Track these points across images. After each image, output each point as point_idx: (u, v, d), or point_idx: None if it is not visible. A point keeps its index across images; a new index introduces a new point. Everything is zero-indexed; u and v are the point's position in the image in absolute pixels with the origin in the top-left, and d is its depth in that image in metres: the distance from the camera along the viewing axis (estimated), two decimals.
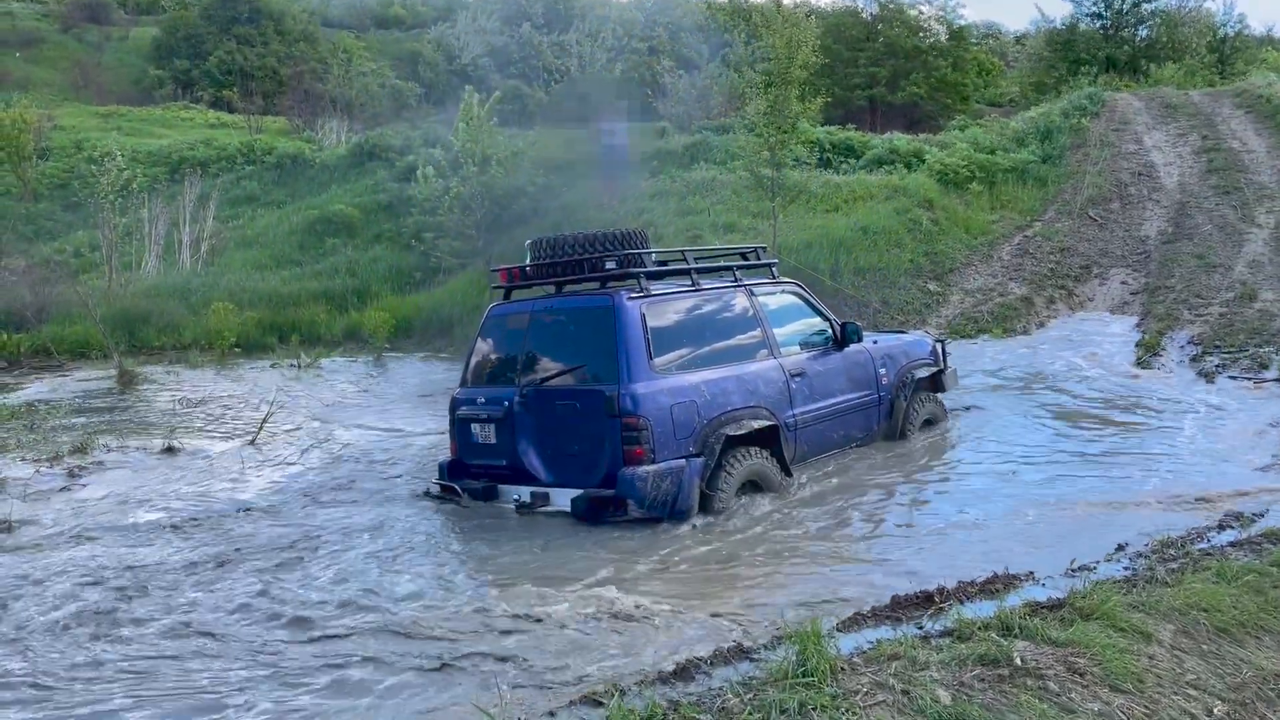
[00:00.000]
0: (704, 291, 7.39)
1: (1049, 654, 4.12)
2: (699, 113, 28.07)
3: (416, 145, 23.94)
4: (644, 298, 6.84)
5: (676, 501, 6.57)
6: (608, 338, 6.68)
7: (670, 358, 6.85)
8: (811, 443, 7.72)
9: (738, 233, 16.45)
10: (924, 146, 21.57)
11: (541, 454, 6.97)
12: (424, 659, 4.67)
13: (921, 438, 8.76)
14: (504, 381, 7.23)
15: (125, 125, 31.32)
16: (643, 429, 6.46)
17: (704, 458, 6.72)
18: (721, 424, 6.85)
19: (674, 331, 7.01)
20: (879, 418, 8.49)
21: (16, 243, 22.33)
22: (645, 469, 6.45)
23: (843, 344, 8.11)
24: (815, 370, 7.83)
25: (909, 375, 8.73)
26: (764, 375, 7.37)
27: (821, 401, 7.79)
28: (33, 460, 8.84)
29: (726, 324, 7.47)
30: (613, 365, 6.61)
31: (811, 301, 8.25)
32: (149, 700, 4.37)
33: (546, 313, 7.29)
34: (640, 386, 6.53)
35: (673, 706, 3.82)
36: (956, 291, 15.56)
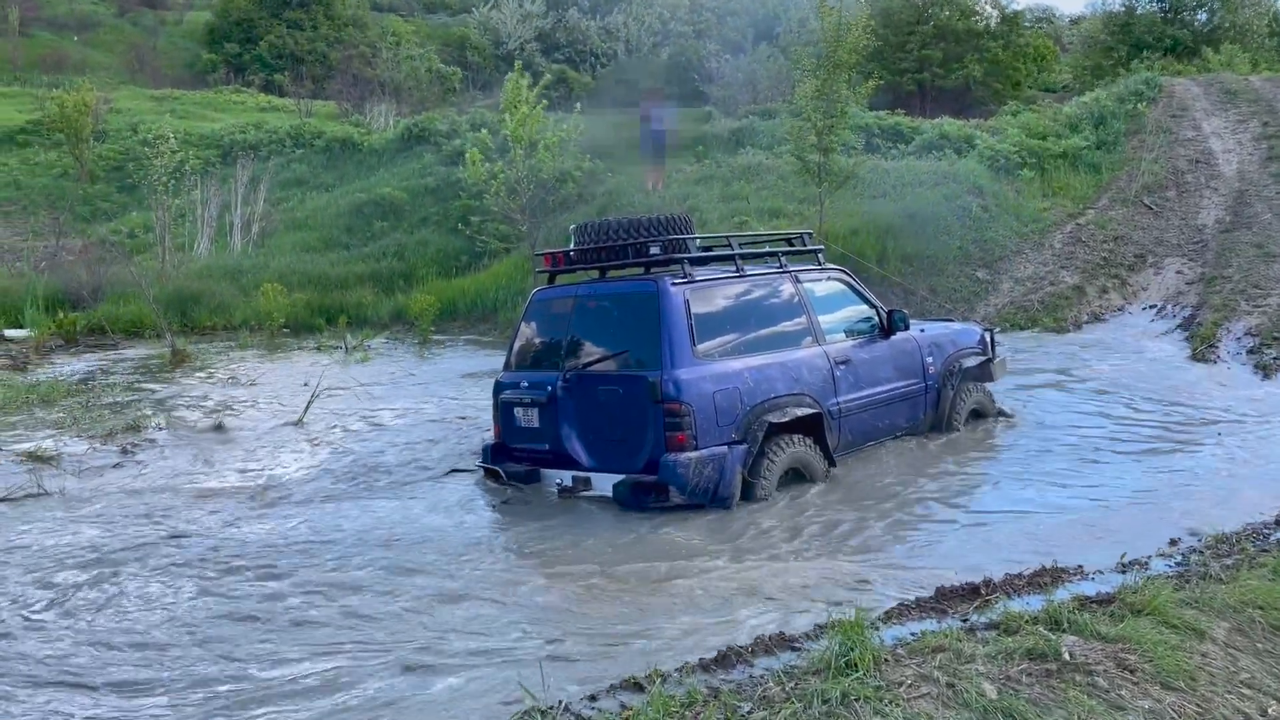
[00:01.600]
0: (748, 277, 7.33)
1: (1098, 649, 4.05)
2: (745, 97, 27.89)
3: (463, 129, 24.03)
4: (688, 283, 6.79)
5: (719, 489, 6.55)
6: (651, 323, 6.65)
7: (714, 344, 6.80)
8: (856, 431, 7.62)
9: (783, 218, 16.33)
10: (975, 132, 21.26)
11: (584, 439, 6.96)
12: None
13: (968, 428, 8.60)
14: (547, 366, 7.23)
15: (179, 108, 31.76)
16: (685, 415, 6.43)
17: (747, 445, 6.68)
18: (765, 411, 6.79)
19: (718, 317, 6.95)
20: (925, 407, 8.34)
21: (74, 223, 22.81)
22: (688, 455, 6.42)
23: (889, 332, 7.98)
24: (861, 358, 7.72)
25: (956, 364, 8.56)
26: (808, 362, 7.29)
27: (867, 390, 7.67)
28: (87, 437, 9.02)
29: (771, 310, 7.39)
30: (656, 351, 6.58)
31: (858, 288, 8.13)
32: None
33: (590, 298, 7.26)
34: (683, 372, 6.50)
35: (713, 693, 3.81)
36: (1006, 280, 15.33)
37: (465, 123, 24.77)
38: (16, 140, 26.75)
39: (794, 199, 17.11)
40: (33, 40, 41.73)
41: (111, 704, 4.22)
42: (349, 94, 31.88)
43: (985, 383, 8.98)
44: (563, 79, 34.49)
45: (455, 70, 36.89)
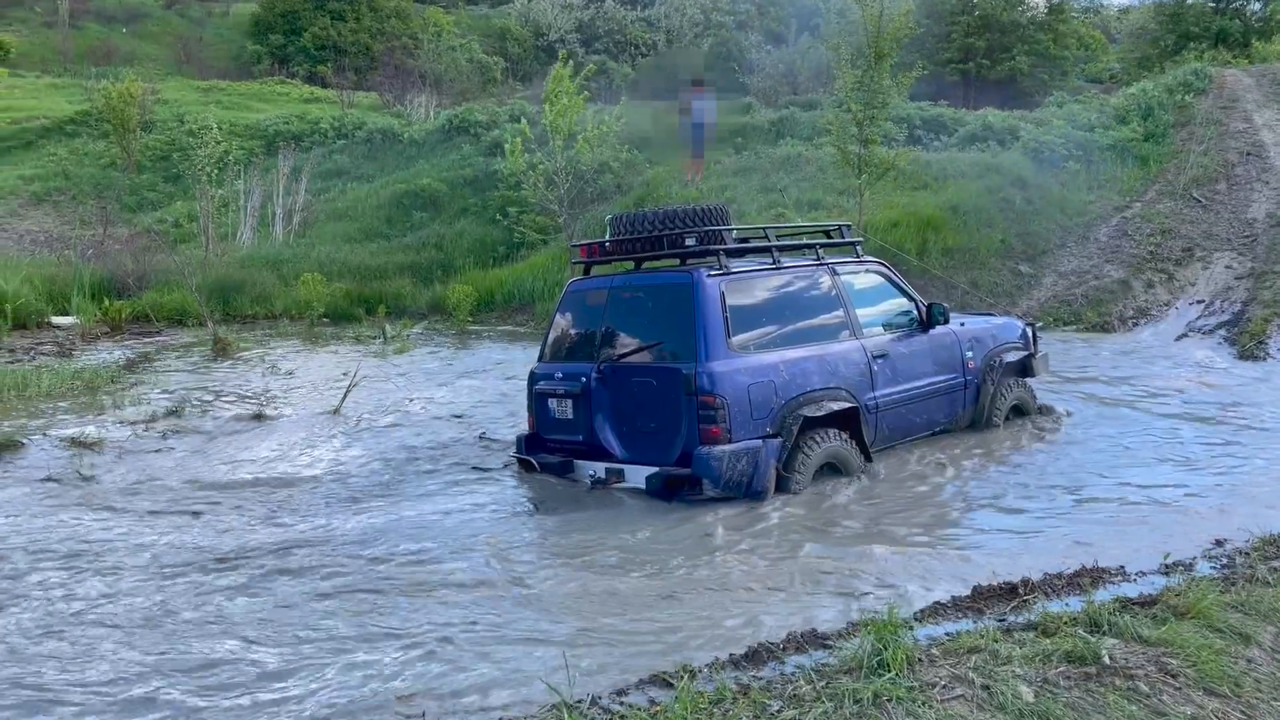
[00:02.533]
0: (785, 270, 7.21)
1: (1139, 653, 3.96)
2: (786, 88, 27.69)
3: (503, 120, 24.09)
4: (723, 275, 6.71)
5: (752, 482, 6.49)
6: (686, 315, 6.59)
7: (749, 336, 6.72)
8: (893, 426, 7.51)
9: (822, 210, 16.19)
10: (1019, 123, 20.93)
11: (617, 430, 6.92)
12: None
13: (1009, 425, 8.43)
14: (582, 357, 7.19)
15: (224, 100, 32.13)
16: (719, 408, 6.37)
17: (781, 438, 6.60)
18: (800, 405, 6.72)
19: (753, 310, 6.88)
20: (964, 403, 8.21)
21: (121, 212, 23.19)
22: (721, 448, 6.36)
23: (928, 326, 7.85)
24: (899, 352, 7.59)
25: (997, 359, 8.41)
26: (845, 356, 7.18)
27: (904, 384, 7.55)
28: (129, 422, 9.15)
29: (807, 303, 7.27)
30: (690, 343, 6.52)
31: (897, 281, 7.99)
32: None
33: (625, 289, 7.20)
34: (718, 365, 6.43)
35: (743, 690, 3.77)
36: (1049, 274, 15.09)
37: (505, 114, 24.82)
38: (66, 130, 27.22)
39: (833, 190, 16.97)
40: (83, 32, 42.44)
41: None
42: (391, 85, 32.06)
43: (1027, 378, 8.80)
44: (603, 70, 34.44)
45: (496, 60, 36.97)
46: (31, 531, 6.33)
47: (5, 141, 26.58)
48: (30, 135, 27.06)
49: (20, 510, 6.79)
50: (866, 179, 14.86)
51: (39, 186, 24.06)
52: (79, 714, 4.01)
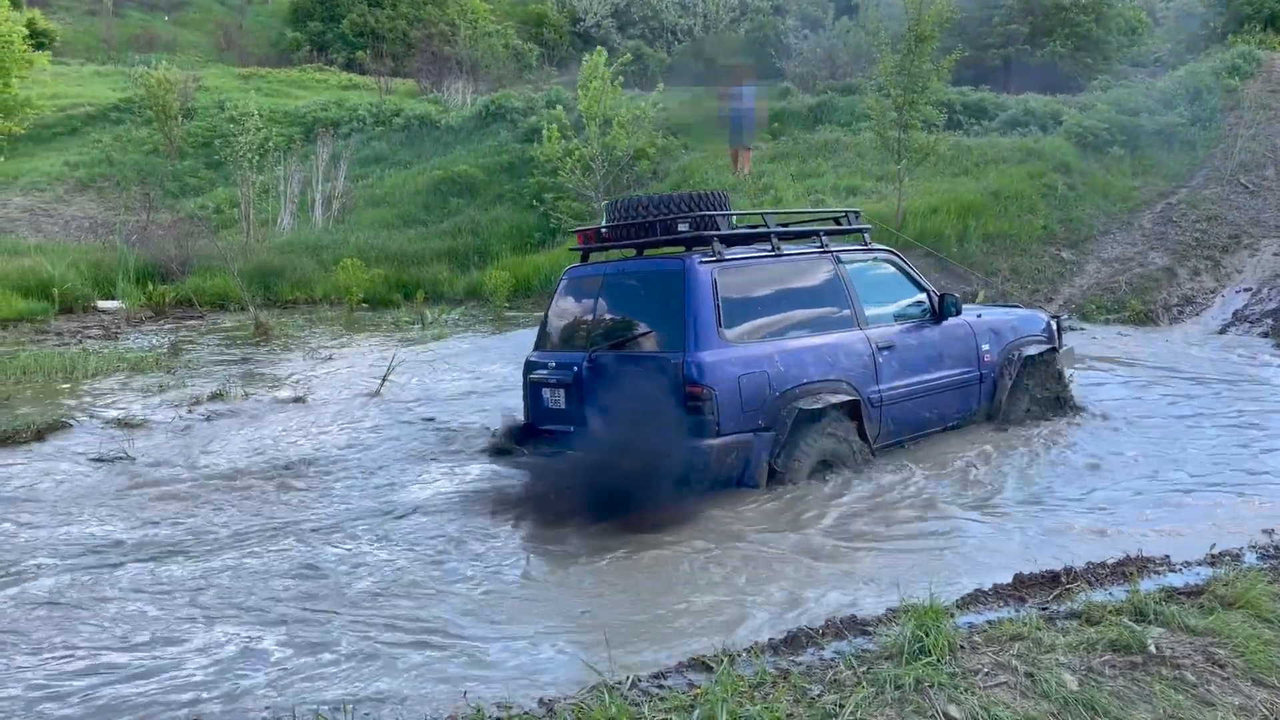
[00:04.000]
0: (784, 257, 6.98)
1: (1186, 643, 3.91)
2: (824, 73, 27.45)
3: (539, 106, 24.10)
4: (716, 262, 6.49)
5: (743, 477, 6.33)
6: (676, 303, 6.38)
7: (743, 326, 6.51)
8: (900, 421, 7.23)
9: (861, 195, 16.06)
10: (1062, 108, 20.61)
11: (610, 421, 6.54)
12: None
13: (1032, 421, 8.05)
14: (575, 346, 7.01)
15: (264, 86, 32.39)
16: (707, 400, 6.15)
17: (774, 432, 6.39)
18: (795, 397, 6.48)
19: (748, 299, 6.65)
20: (980, 397, 7.86)
21: (163, 198, 23.50)
22: (709, 442, 6.15)
23: (940, 317, 7.55)
24: (907, 344, 7.32)
25: (1016, 353, 8.03)
26: (847, 347, 6.93)
27: (913, 378, 7.27)
28: (173, 404, 9.30)
29: (808, 292, 7.03)
30: (680, 332, 6.31)
31: (908, 271, 7.70)
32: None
33: (619, 276, 7.04)
34: (707, 355, 6.22)
35: (782, 675, 3.76)
36: (1092, 260, 14.88)
37: (541, 100, 24.83)
38: (110, 118, 27.60)
39: (872, 176, 16.83)
40: (125, 20, 42.94)
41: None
42: (428, 72, 32.17)
43: (1050, 373, 8.34)
44: (639, 56, 34.31)
45: (532, 47, 36.96)
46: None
47: (51, 128, 26.98)
48: (75, 122, 27.47)
49: (66, 490, 6.94)
50: (906, 164, 14.71)
51: (84, 173, 24.44)
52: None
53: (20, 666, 4.30)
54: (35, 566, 5.48)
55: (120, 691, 4.06)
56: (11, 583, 5.24)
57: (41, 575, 5.34)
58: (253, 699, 3.95)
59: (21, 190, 23.46)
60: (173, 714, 3.86)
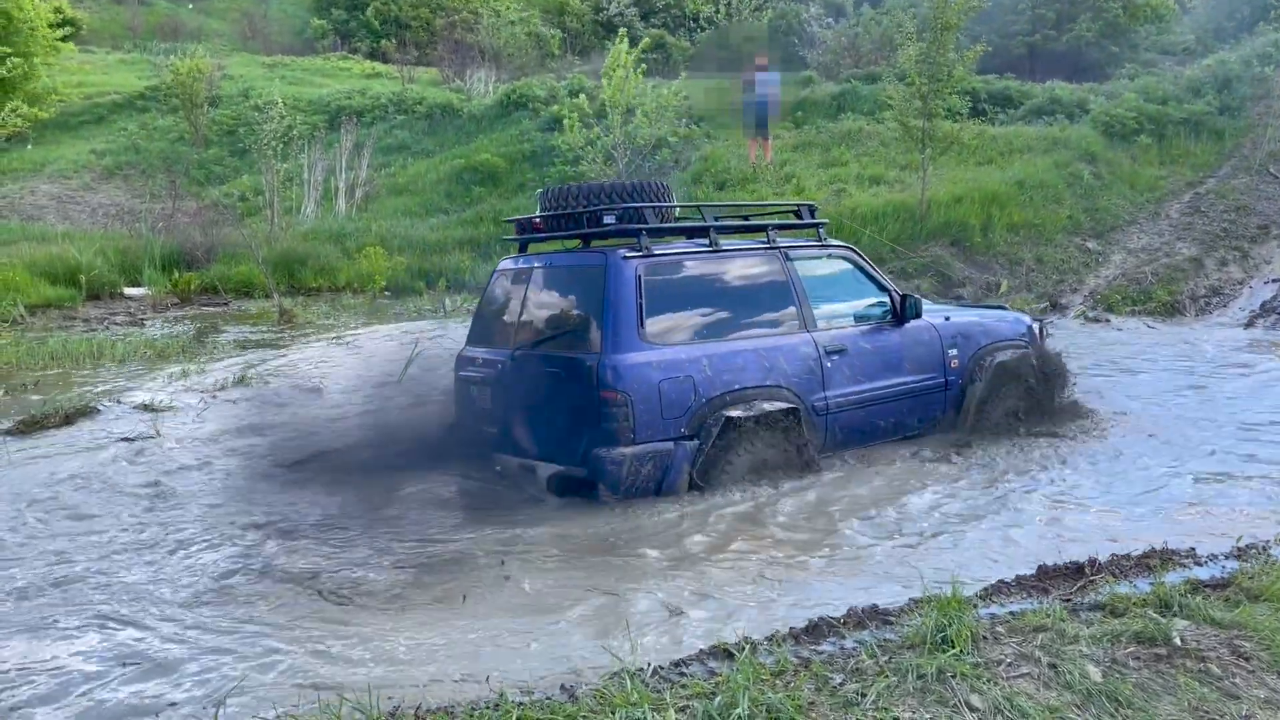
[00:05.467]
0: (724, 253, 6.54)
1: (1211, 635, 3.89)
2: (848, 60, 27.27)
3: (562, 95, 24.08)
4: (643, 257, 6.07)
5: (661, 488, 5.94)
6: (596, 301, 6.01)
7: (670, 327, 6.11)
8: (851, 430, 6.81)
9: (884, 185, 15.98)
10: (1088, 96, 20.40)
11: (529, 423, 6.34)
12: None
13: (1011, 430, 7.52)
14: (501, 342, 6.66)
15: (288, 75, 32.46)
16: (622, 405, 5.78)
17: (699, 441, 6.01)
18: (725, 404, 6.09)
19: (678, 297, 6.25)
20: (945, 405, 7.35)
21: (189, 186, 23.65)
22: (622, 450, 5.80)
23: (902, 319, 7.11)
24: (861, 348, 6.89)
25: (988, 359, 7.47)
26: (789, 351, 6.49)
27: (867, 384, 6.84)
28: (198, 390, 9.39)
29: (749, 291, 6.60)
30: (598, 332, 5.93)
31: (867, 269, 7.24)
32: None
33: (545, 270, 6.64)
34: (624, 357, 5.84)
35: (804, 664, 3.77)
36: (1118, 251, 14.75)
37: (564, 89, 24.79)
38: (136, 105, 27.76)
39: (895, 165, 16.73)
40: (151, 8, 43.18)
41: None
42: (450, 61, 32.19)
43: (1031, 380, 7.76)
44: (661, 44, 34.18)
45: (555, 33, 36.91)
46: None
47: (78, 116, 27.20)
48: (101, 110, 27.65)
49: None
50: (930, 154, 14.61)
51: (110, 160, 24.61)
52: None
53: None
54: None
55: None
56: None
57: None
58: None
59: (49, 178, 23.66)
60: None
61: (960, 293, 13.42)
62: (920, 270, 13.61)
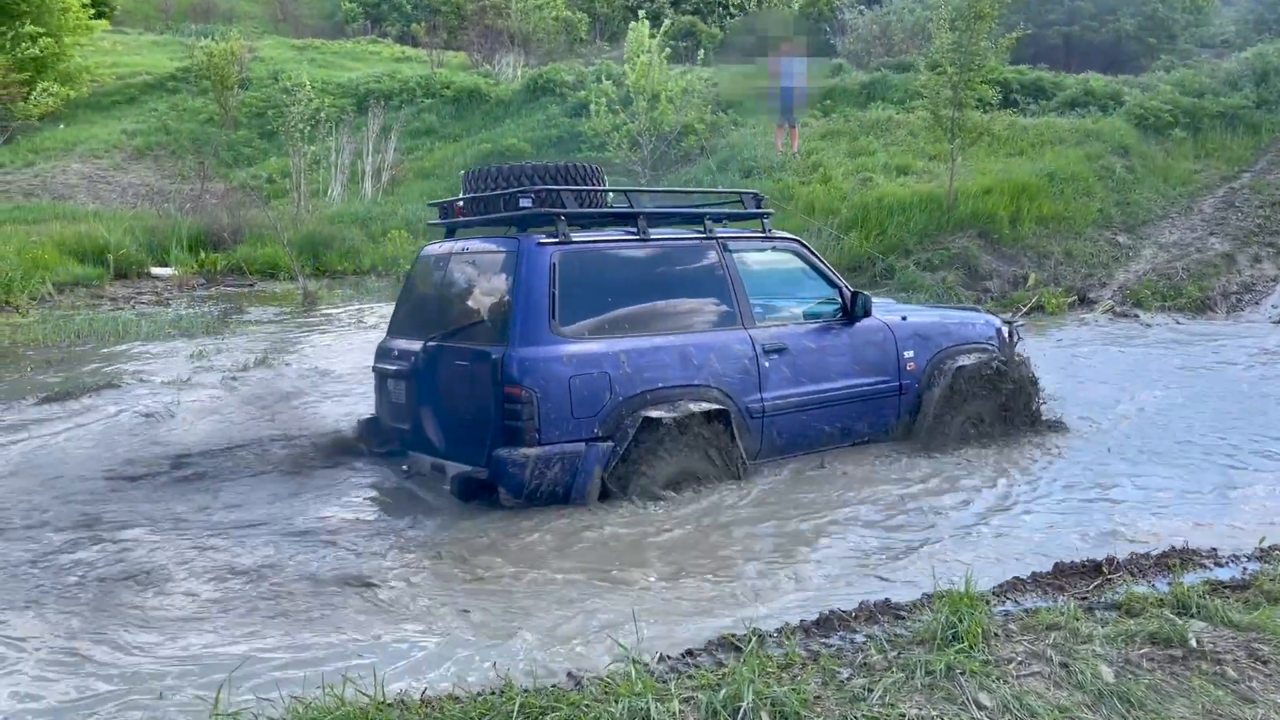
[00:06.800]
0: (654, 243, 6.14)
1: (1229, 637, 3.82)
2: (879, 49, 27.01)
3: (589, 80, 23.99)
4: (559, 244, 5.70)
5: (570, 493, 5.59)
6: (507, 290, 5.68)
7: (586, 319, 5.73)
8: (791, 434, 6.42)
9: (912, 175, 15.82)
10: (1123, 88, 20.09)
11: (438, 421, 6.06)
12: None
13: (974, 439, 7.07)
14: (416, 333, 6.27)
15: (318, 58, 32.54)
16: (526, 402, 5.42)
17: (613, 443, 5.63)
18: (644, 404, 5.70)
19: (599, 288, 5.88)
20: (899, 410, 6.92)
21: (218, 167, 23.79)
22: (525, 451, 5.44)
23: (854, 317, 6.71)
24: (805, 347, 6.49)
25: (948, 362, 7.02)
26: (721, 348, 6.10)
27: (810, 386, 6.44)
28: (220, 370, 9.47)
29: (679, 283, 6.21)
30: (507, 323, 5.59)
31: (816, 264, 6.81)
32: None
33: (462, 256, 6.28)
34: (531, 351, 5.49)
35: (812, 657, 3.74)
36: (1149, 245, 14.54)
37: (591, 74, 24.71)
38: (167, 87, 27.94)
39: (924, 155, 16.55)
40: None
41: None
42: (479, 45, 32.17)
43: (997, 385, 7.28)
44: (691, 31, 34.00)
45: (582, 17, 36.79)
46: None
47: (110, 96, 27.43)
48: (133, 91, 27.86)
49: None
50: (959, 144, 14.44)
51: (141, 141, 24.79)
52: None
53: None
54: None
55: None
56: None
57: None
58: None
59: (80, 157, 23.86)
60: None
61: (986, 285, 13.27)
62: (946, 262, 13.47)
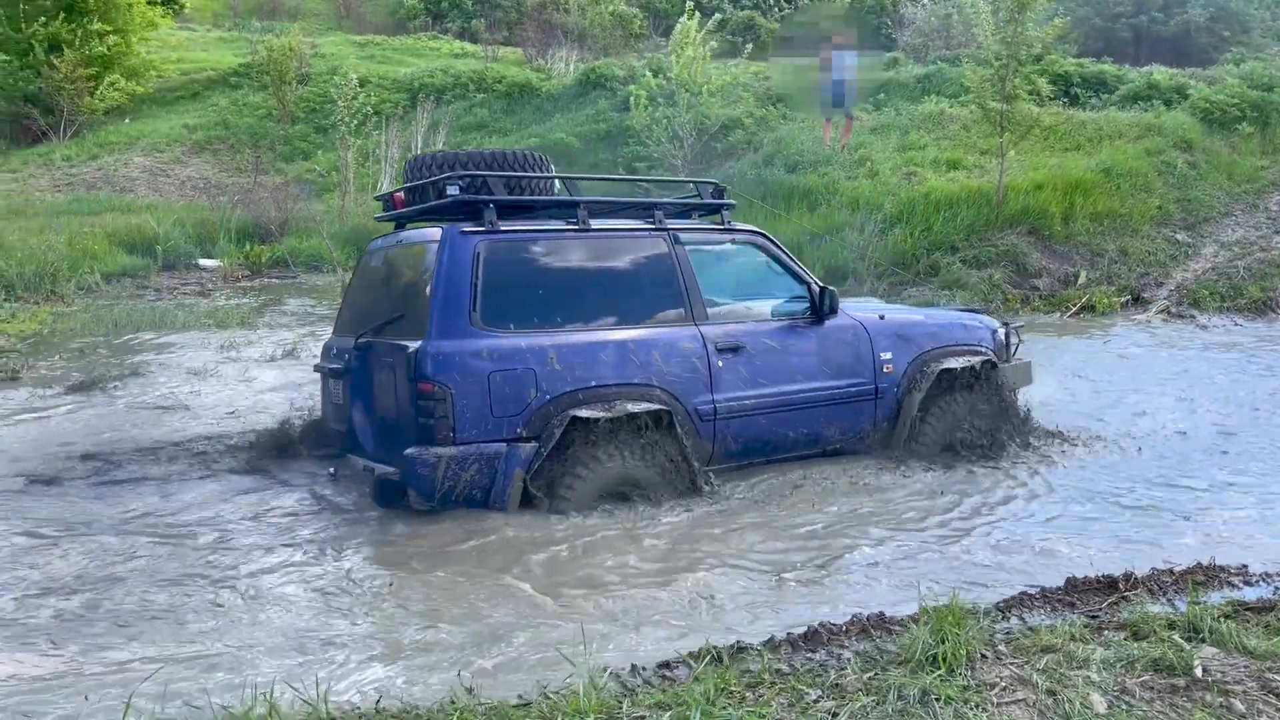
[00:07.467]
0: (593, 233, 5.80)
1: (1241, 666, 3.52)
2: (938, 43, 26.44)
3: (639, 75, 23.83)
4: (486, 234, 5.42)
5: (489, 498, 5.28)
6: (427, 281, 5.40)
7: (513, 313, 5.44)
8: (748, 440, 6.03)
9: (961, 170, 15.37)
10: (1188, 81, 19.33)
11: (369, 420, 5.81)
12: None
13: (961, 451, 6.58)
14: (354, 329, 6.04)
15: (378, 54, 32.86)
16: (440, 399, 5.11)
17: (538, 444, 5.31)
18: (575, 403, 5.37)
19: (531, 280, 5.60)
20: (875, 416, 6.46)
21: (274, 161, 24.12)
22: (437, 451, 5.13)
23: (822, 315, 6.28)
24: (765, 346, 6.07)
25: (931, 365, 6.56)
26: (667, 346, 5.73)
27: (771, 388, 6.03)
28: (252, 360, 9.54)
29: (623, 276, 5.88)
30: (425, 316, 5.31)
31: (780, 258, 6.40)
32: None
33: (397, 249, 6.06)
34: (447, 344, 5.19)
35: (782, 675, 3.54)
36: (1210, 243, 13.95)
37: (641, 69, 24.55)
38: (229, 83, 28.41)
39: (975, 150, 16.07)
40: None
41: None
42: (535, 40, 32.19)
43: (992, 391, 6.85)
44: (751, 25, 33.67)
45: (635, 12, 36.62)
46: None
47: (174, 92, 27.99)
48: (197, 86, 28.40)
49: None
50: (1009, 138, 13.97)
51: (201, 135, 25.24)
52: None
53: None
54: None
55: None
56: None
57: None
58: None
59: (142, 151, 24.37)
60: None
61: (1035, 283, 12.84)
62: (994, 259, 13.04)
